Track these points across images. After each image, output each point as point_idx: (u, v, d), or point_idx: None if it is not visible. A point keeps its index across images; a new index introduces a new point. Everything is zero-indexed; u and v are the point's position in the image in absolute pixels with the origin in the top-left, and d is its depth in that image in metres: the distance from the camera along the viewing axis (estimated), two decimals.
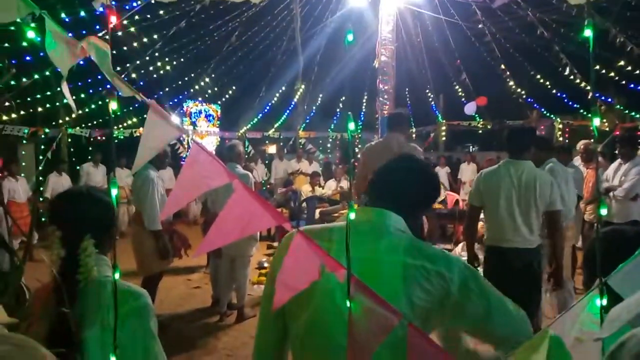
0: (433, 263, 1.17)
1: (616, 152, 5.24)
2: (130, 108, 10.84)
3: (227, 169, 1.08)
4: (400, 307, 1.09)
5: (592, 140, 5.60)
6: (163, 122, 1.08)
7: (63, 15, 6.20)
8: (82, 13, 6.11)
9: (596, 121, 1.08)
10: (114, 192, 1.12)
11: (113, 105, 1.11)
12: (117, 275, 1.17)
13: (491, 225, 3.50)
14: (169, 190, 5.95)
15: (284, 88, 13.54)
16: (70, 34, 1.18)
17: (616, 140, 5.18)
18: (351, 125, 1.14)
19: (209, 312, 5.29)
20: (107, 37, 1.12)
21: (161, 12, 7.61)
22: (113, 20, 1.11)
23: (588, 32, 1.12)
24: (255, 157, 12.60)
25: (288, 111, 14.71)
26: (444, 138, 15.22)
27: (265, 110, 14.41)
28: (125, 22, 7.21)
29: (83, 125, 11.79)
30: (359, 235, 1.03)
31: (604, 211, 1.10)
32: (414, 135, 15.67)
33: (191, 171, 1.08)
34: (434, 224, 8.55)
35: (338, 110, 15.19)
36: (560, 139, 12.94)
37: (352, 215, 1.09)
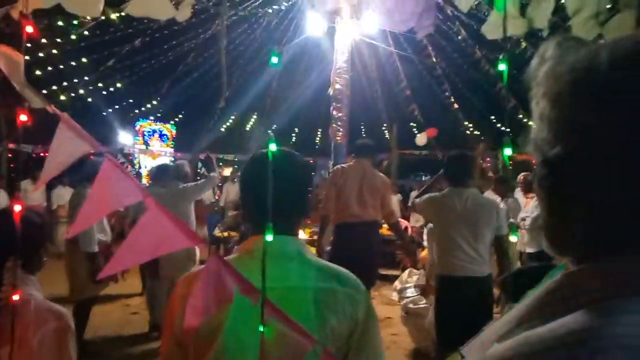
0: (342, 284, 1.16)
1: None
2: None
3: (140, 185, 1.05)
4: (315, 334, 1.07)
5: (530, 173, 5.87)
6: (74, 135, 1.04)
7: None
8: None
9: (507, 151, 1.12)
10: (18, 209, 1.06)
11: (22, 118, 1.06)
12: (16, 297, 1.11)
13: (442, 255, 3.46)
14: None
15: (234, 115, 13.48)
16: None
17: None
18: (272, 147, 1.13)
19: (147, 338, 5.08)
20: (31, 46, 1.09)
21: (111, 29, 7.48)
22: (29, 29, 1.07)
23: (502, 67, 1.18)
24: None
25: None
26: (396, 166, 15.54)
27: (221, 133, 14.28)
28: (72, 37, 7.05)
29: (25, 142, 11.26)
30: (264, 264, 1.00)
31: (513, 238, 1.14)
32: None
33: (102, 188, 1.04)
34: (383, 250, 8.66)
35: (293, 134, 15.28)
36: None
37: (269, 237, 1.08)
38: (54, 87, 8.63)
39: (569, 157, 0.53)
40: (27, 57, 1.08)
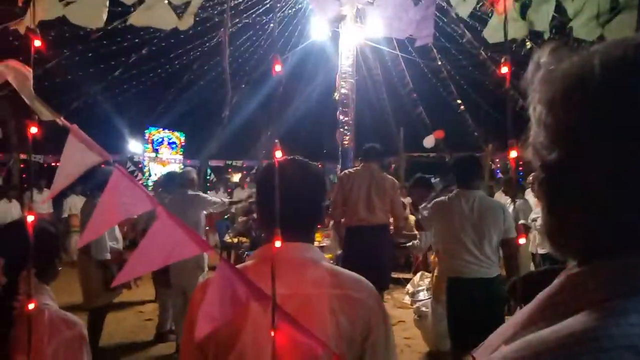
0: (356, 291, 1.17)
1: None
2: None
3: (149, 194, 1.06)
4: (331, 339, 1.08)
5: None
6: (83, 147, 1.06)
7: None
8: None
9: (513, 154, 1.12)
10: (31, 220, 1.08)
11: (33, 130, 1.08)
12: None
13: (450, 258, 3.45)
14: None
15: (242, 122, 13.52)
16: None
17: None
18: (279, 154, 1.15)
19: (161, 344, 5.11)
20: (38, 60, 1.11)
21: (119, 39, 7.57)
22: (37, 43, 1.09)
23: (505, 70, 1.18)
24: (218, 185, 12.47)
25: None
26: (404, 169, 15.50)
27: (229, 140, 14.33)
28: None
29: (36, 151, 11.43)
30: (280, 271, 1.02)
31: (522, 240, 1.14)
32: None
33: (111, 197, 1.06)
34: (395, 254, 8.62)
35: (301, 139, 15.29)
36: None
37: (278, 243, 1.09)
38: (63, 98, 8.75)
39: (566, 161, 0.54)
40: (35, 70, 1.11)
